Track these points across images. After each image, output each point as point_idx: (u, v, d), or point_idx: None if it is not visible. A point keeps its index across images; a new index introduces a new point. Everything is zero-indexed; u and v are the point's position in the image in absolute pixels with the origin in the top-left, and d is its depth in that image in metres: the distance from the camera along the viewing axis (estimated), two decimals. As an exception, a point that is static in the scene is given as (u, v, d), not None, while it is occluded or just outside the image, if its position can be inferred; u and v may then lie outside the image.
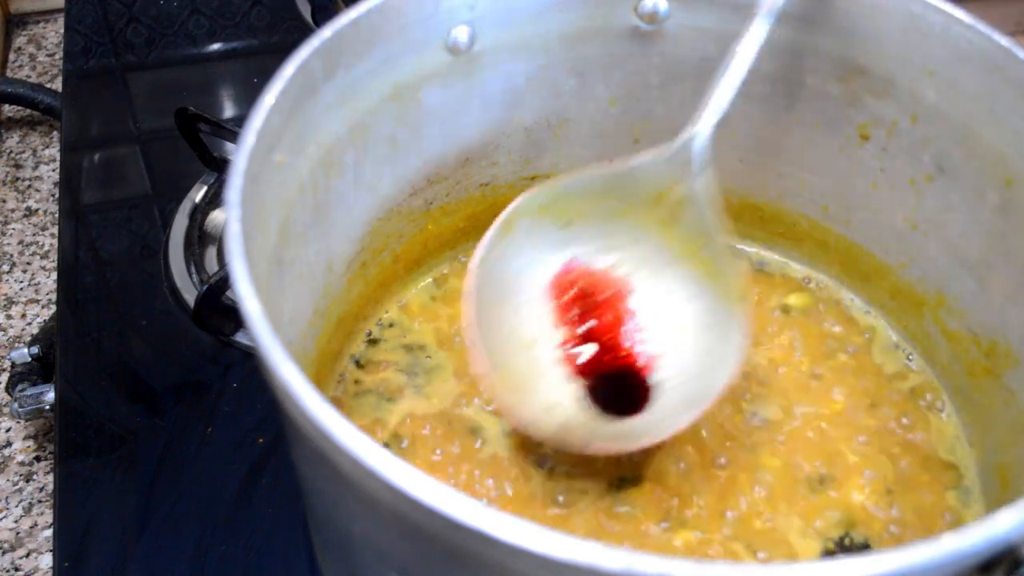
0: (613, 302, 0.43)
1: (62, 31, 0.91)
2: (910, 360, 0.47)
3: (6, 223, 1.00)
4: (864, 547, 0.40)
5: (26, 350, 0.76)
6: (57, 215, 0.81)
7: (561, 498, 0.41)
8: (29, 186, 1.05)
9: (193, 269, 0.63)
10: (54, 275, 0.92)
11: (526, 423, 0.39)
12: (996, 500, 0.41)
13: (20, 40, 1.22)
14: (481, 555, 0.23)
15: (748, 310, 0.40)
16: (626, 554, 0.22)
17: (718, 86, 0.39)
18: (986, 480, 0.42)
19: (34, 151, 1.09)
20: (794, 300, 0.50)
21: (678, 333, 0.42)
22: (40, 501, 0.76)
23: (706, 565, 0.22)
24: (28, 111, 1.10)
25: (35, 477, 0.78)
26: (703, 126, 0.40)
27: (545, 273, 0.43)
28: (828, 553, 0.40)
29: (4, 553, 0.72)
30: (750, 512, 0.41)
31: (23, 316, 0.91)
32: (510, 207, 0.41)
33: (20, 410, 0.72)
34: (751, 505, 0.41)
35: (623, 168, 0.41)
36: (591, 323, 0.43)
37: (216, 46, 0.87)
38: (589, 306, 0.43)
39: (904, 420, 0.44)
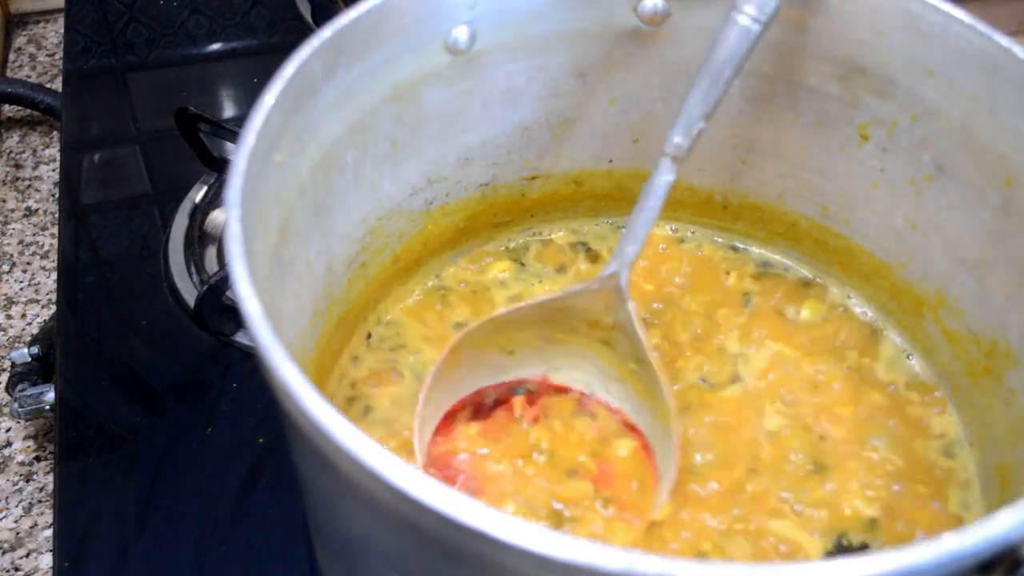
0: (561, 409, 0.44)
1: (62, 31, 0.91)
2: (910, 360, 0.47)
3: (6, 223, 1.00)
4: (863, 548, 0.40)
5: (26, 350, 0.76)
6: (57, 215, 0.81)
7: (566, 513, 0.41)
8: (29, 186, 1.05)
9: (193, 269, 0.63)
10: (54, 275, 0.92)
11: None
12: (996, 500, 0.41)
13: (20, 40, 1.22)
14: (481, 555, 0.23)
15: (680, 432, 0.41)
16: (626, 554, 0.22)
17: (637, 223, 0.41)
18: (986, 480, 0.42)
19: (34, 151, 1.09)
20: (794, 300, 0.50)
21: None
22: (40, 501, 0.76)
23: (706, 565, 0.22)
24: (28, 111, 1.10)
25: (35, 477, 0.78)
26: (628, 260, 0.41)
27: (492, 396, 0.45)
28: (828, 554, 0.40)
29: (4, 553, 0.72)
30: (752, 513, 0.41)
31: (23, 316, 0.91)
32: (454, 340, 0.42)
33: (20, 410, 0.72)
34: (753, 505, 0.41)
35: (558, 298, 0.43)
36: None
37: (216, 46, 0.87)
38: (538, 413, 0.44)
39: (904, 420, 0.44)
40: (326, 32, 0.36)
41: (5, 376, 0.82)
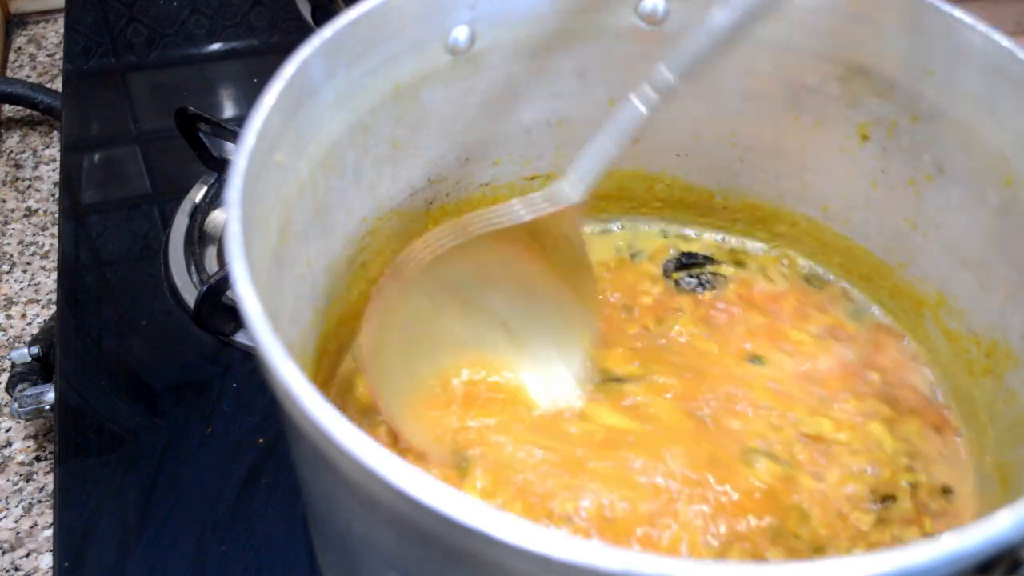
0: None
1: (62, 31, 0.91)
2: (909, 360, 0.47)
3: (6, 223, 1.00)
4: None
5: (26, 350, 0.76)
6: (57, 215, 0.81)
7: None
8: (29, 186, 1.05)
9: (193, 269, 0.63)
10: (54, 275, 0.92)
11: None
12: (996, 500, 0.41)
13: (20, 40, 1.22)
14: (481, 555, 0.23)
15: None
16: (626, 554, 0.22)
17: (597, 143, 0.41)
18: (986, 480, 0.42)
19: (34, 151, 1.09)
20: (792, 296, 0.50)
21: None
22: (40, 501, 0.76)
23: (706, 565, 0.22)
24: (28, 111, 1.11)
25: (35, 477, 0.78)
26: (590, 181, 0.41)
27: None
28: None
29: (4, 553, 0.72)
30: None
31: (23, 316, 0.91)
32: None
33: (20, 410, 0.72)
34: None
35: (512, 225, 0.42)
36: None
37: (216, 46, 0.87)
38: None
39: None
40: (326, 32, 0.36)
41: (5, 376, 0.82)
